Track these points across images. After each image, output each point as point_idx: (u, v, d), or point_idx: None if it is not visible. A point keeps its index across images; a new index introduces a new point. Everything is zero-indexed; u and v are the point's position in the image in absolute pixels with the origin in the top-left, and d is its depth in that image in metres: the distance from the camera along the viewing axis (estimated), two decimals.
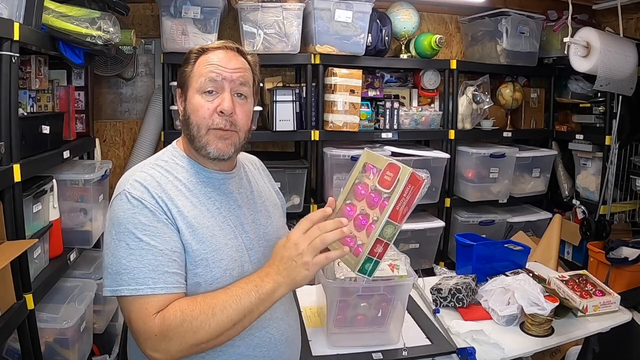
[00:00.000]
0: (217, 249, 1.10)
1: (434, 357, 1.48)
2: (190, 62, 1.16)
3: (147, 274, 1.00)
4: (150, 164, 1.16)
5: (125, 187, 1.07)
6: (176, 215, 1.07)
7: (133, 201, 1.04)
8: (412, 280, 1.45)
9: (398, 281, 1.42)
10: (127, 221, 1.03)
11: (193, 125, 1.13)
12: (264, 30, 2.59)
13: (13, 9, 1.54)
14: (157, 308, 1.00)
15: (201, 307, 1.00)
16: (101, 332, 2.32)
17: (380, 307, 1.46)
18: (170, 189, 1.10)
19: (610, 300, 1.84)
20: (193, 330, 0.99)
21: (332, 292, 1.41)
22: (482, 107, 2.96)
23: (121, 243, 1.02)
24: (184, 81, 1.16)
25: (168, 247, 1.04)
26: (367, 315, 1.46)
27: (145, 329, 0.99)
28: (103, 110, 3.06)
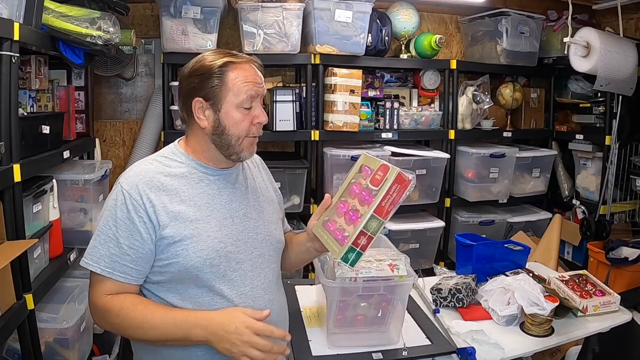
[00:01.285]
0: (198, 240, 1.20)
1: (434, 357, 1.47)
2: (215, 75, 1.21)
3: (102, 257, 1.17)
4: (151, 158, 1.28)
5: (121, 180, 1.21)
6: (160, 210, 1.18)
7: (119, 195, 1.19)
8: (412, 280, 1.46)
9: (398, 281, 1.43)
10: (109, 210, 1.19)
11: (232, 136, 1.24)
12: (264, 30, 2.59)
13: (13, 9, 1.54)
14: (107, 291, 1.17)
15: (136, 315, 1.15)
16: (101, 332, 2.32)
17: (380, 307, 1.46)
18: (161, 184, 1.21)
19: (610, 300, 1.84)
20: (121, 327, 1.17)
21: (332, 292, 1.41)
22: (482, 107, 2.96)
23: (99, 225, 1.20)
24: (213, 94, 1.21)
25: (127, 243, 1.16)
26: (367, 315, 1.47)
27: (93, 301, 1.19)
28: (103, 110, 3.06)
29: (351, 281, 1.40)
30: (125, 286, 1.18)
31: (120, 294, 1.18)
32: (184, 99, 1.25)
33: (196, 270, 1.19)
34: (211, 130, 1.24)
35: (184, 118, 1.28)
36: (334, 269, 1.43)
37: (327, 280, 1.41)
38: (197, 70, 1.22)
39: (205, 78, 1.21)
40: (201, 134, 1.25)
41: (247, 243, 1.28)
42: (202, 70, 1.21)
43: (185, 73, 1.24)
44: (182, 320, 1.14)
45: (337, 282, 1.39)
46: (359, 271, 1.40)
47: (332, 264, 1.45)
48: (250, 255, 1.28)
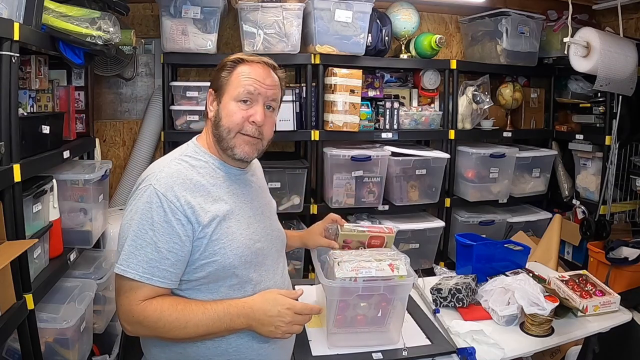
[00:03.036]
0: (233, 238, 1.22)
1: (434, 357, 1.48)
2: (226, 69, 1.27)
3: (142, 264, 1.13)
4: (176, 158, 1.26)
5: (152, 182, 1.18)
6: (199, 211, 1.18)
7: (154, 197, 1.16)
8: (412, 280, 1.47)
9: (398, 281, 1.43)
10: (143, 213, 1.15)
11: (224, 128, 1.26)
12: (264, 30, 2.59)
13: (13, 9, 1.54)
14: (143, 297, 1.14)
15: (178, 316, 1.14)
16: (101, 332, 2.32)
17: (380, 307, 1.47)
18: (194, 185, 1.21)
19: (610, 300, 1.84)
20: (164, 330, 1.15)
21: (332, 292, 1.42)
22: (482, 107, 2.96)
23: (131, 230, 1.15)
24: (220, 85, 1.27)
25: (167, 247, 1.14)
26: (367, 315, 1.47)
27: (129, 309, 1.14)
28: (103, 110, 3.06)
29: (351, 281, 1.40)
30: (161, 290, 1.16)
31: (155, 297, 1.16)
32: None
33: (233, 268, 1.21)
34: (212, 121, 1.28)
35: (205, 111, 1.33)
36: (333, 268, 1.43)
37: (327, 280, 1.41)
38: (218, 65, 1.30)
39: (218, 70, 1.28)
40: (209, 125, 1.30)
41: (267, 240, 1.33)
42: (220, 65, 1.30)
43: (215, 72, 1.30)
44: (224, 313, 1.16)
45: (337, 282, 1.40)
46: (358, 271, 1.41)
47: (332, 264, 1.45)
48: (270, 251, 1.34)
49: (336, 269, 1.42)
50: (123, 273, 1.13)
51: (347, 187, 2.76)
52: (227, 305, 1.17)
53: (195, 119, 2.67)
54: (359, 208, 2.85)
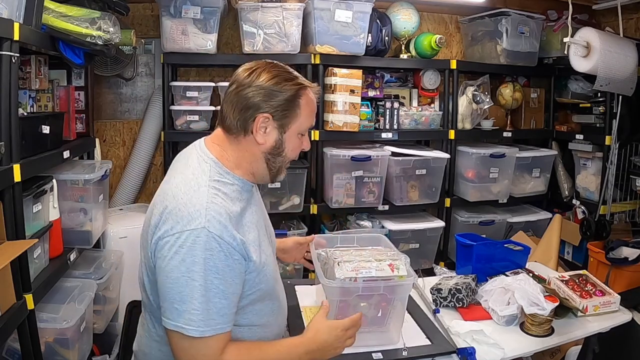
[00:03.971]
0: (268, 262, 1.22)
1: (434, 357, 1.47)
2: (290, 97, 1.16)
3: (214, 317, 1.07)
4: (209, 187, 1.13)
5: (204, 224, 1.06)
6: (248, 246, 1.13)
7: (213, 243, 1.06)
8: (412, 280, 1.45)
9: (398, 281, 1.42)
10: (206, 263, 1.06)
11: (286, 159, 1.23)
12: (264, 30, 2.59)
13: (13, 9, 1.54)
14: (221, 347, 1.10)
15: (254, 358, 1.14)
16: (101, 332, 2.32)
17: (380, 307, 1.46)
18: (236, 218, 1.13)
19: (610, 300, 1.84)
20: None
21: (332, 292, 1.41)
22: (482, 107, 2.96)
23: (194, 282, 1.05)
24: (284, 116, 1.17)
25: (232, 291, 1.10)
26: (367, 315, 1.46)
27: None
28: (103, 110, 3.06)
29: (351, 281, 1.39)
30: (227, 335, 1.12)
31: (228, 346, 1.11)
32: (244, 109, 1.15)
33: (272, 289, 1.24)
34: (269, 150, 1.19)
35: (235, 128, 1.17)
36: (334, 269, 1.43)
37: (327, 280, 1.40)
38: (277, 87, 1.15)
39: (283, 97, 1.15)
40: (254, 150, 1.19)
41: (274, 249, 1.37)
42: (282, 89, 1.15)
43: (261, 84, 1.14)
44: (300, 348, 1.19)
45: (337, 282, 1.39)
46: (359, 271, 1.40)
47: (332, 264, 1.45)
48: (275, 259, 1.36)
49: (336, 269, 1.42)
50: (203, 334, 1.05)
51: (347, 187, 2.76)
52: (292, 346, 1.20)
53: (195, 119, 2.67)
54: (359, 208, 2.85)
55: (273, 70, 1.17)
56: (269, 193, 2.76)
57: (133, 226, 2.62)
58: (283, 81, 1.16)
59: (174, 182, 1.15)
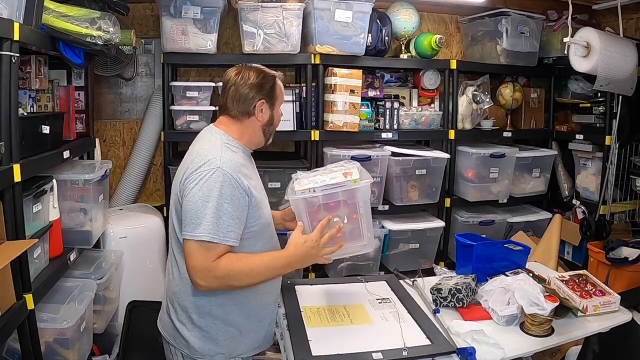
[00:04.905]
0: (263, 205, 1.59)
1: (434, 357, 1.47)
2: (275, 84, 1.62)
3: (220, 229, 1.41)
4: (223, 145, 1.52)
5: (219, 165, 1.44)
6: (248, 185, 1.49)
7: (225, 177, 1.43)
8: (367, 182, 1.57)
9: (353, 185, 1.55)
10: (218, 189, 1.42)
11: (274, 127, 1.68)
12: (264, 30, 2.59)
13: (13, 9, 1.54)
14: (217, 255, 1.42)
15: (244, 266, 1.45)
16: (101, 332, 2.32)
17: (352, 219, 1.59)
18: (241, 166, 1.51)
19: (610, 300, 1.84)
20: (234, 280, 1.46)
21: (298, 206, 1.57)
22: (482, 107, 2.96)
23: (208, 204, 1.40)
24: (273, 98, 1.62)
25: (237, 215, 1.45)
26: (345, 231, 1.59)
27: (204, 267, 1.41)
28: (103, 110, 3.06)
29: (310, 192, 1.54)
30: (229, 248, 1.44)
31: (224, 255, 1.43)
32: (245, 100, 1.56)
33: (267, 226, 1.59)
34: (265, 123, 1.62)
35: (239, 112, 1.57)
36: (293, 186, 1.56)
37: (290, 195, 1.56)
38: (263, 79, 1.58)
39: (267, 83, 1.59)
40: (255, 126, 1.61)
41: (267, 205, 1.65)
42: (267, 81, 1.59)
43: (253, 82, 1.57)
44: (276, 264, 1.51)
45: (298, 194, 1.54)
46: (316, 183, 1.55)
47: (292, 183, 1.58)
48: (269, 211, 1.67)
49: (295, 185, 1.57)
50: (212, 240, 1.39)
51: None
52: (275, 258, 1.52)
53: (195, 119, 2.67)
54: None
55: (254, 70, 1.60)
56: (269, 193, 2.74)
57: (133, 226, 2.62)
58: (263, 76, 1.59)
59: (196, 149, 1.54)
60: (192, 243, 1.40)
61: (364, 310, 1.74)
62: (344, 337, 1.56)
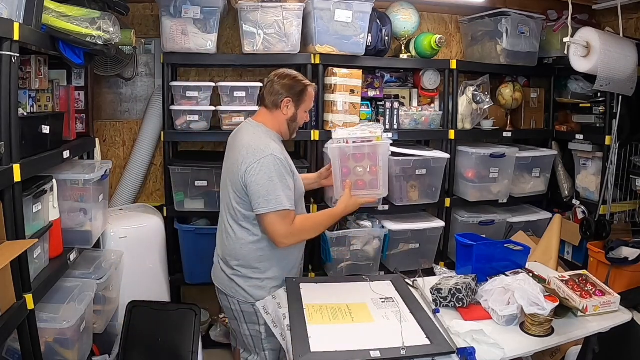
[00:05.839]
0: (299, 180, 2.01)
1: (433, 357, 1.47)
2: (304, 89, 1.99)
3: (285, 199, 1.81)
4: (267, 137, 1.92)
5: (271, 152, 1.82)
6: (290, 163, 1.91)
7: (277, 160, 1.82)
8: (389, 141, 2.03)
9: (376, 142, 1.97)
10: (276, 170, 1.81)
11: (297, 124, 2.05)
12: (264, 30, 2.59)
13: (13, 9, 1.54)
14: (291, 219, 1.85)
15: (312, 224, 1.97)
16: (101, 332, 2.32)
17: (372, 171, 2.00)
18: (282, 151, 1.90)
19: (610, 300, 1.84)
20: (307, 234, 1.97)
21: (334, 153, 2.00)
22: (482, 107, 2.96)
23: (273, 183, 1.80)
24: (299, 100, 1.98)
25: (290, 187, 1.87)
26: (365, 179, 2.01)
27: (286, 230, 1.83)
28: (103, 110, 3.06)
29: (344, 142, 1.98)
30: (294, 212, 1.87)
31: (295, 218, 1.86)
32: (276, 95, 1.95)
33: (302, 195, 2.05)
34: (289, 118, 1.99)
35: (270, 103, 1.96)
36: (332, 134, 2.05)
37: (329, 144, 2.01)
38: (294, 82, 1.97)
39: (297, 87, 1.97)
40: (281, 118, 1.98)
41: None
42: (298, 85, 1.97)
43: (286, 82, 1.95)
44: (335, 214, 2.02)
45: (335, 143, 2.00)
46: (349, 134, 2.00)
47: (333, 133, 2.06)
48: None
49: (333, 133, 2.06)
50: (282, 207, 1.79)
51: None
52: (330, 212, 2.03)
53: (195, 119, 2.68)
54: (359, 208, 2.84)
55: (290, 76, 1.99)
56: None
57: (133, 226, 2.62)
58: (297, 81, 1.98)
59: (243, 142, 1.89)
60: (271, 215, 1.79)
61: (366, 309, 1.75)
62: (344, 335, 1.57)
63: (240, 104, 2.69)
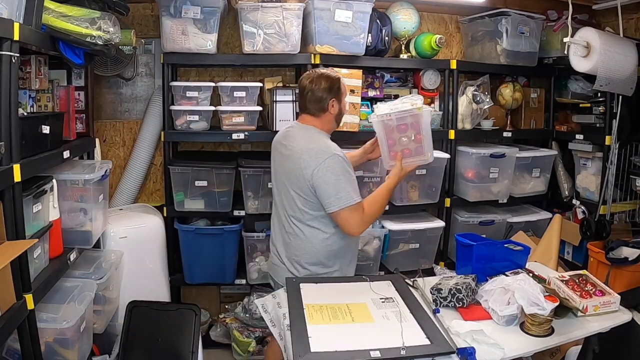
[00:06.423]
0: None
1: (433, 357, 1.47)
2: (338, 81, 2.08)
3: (353, 193, 1.94)
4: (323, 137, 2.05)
5: (333, 152, 1.94)
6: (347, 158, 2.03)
7: (339, 158, 1.95)
8: (429, 109, 2.12)
9: (417, 112, 2.07)
10: (342, 168, 1.93)
11: (342, 115, 2.15)
12: (264, 30, 2.59)
13: (13, 9, 1.54)
14: (362, 209, 1.96)
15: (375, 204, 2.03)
16: (101, 332, 2.32)
17: (417, 139, 2.10)
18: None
19: (610, 300, 1.84)
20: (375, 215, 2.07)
21: (379, 127, 2.11)
22: (482, 107, 2.96)
23: (340, 181, 1.92)
24: (339, 96, 2.08)
25: (354, 178, 1.99)
26: (411, 148, 2.11)
27: (360, 220, 1.96)
28: (103, 110, 3.06)
29: (387, 116, 2.09)
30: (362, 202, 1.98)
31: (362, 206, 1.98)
32: (320, 101, 2.04)
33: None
34: (336, 114, 2.10)
35: (317, 110, 2.05)
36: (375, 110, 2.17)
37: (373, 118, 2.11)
38: (330, 81, 2.05)
39: (335, 84, 2.06)
40: (330, 118, 2.08)
41: None
42: (334, 83, 2.06)
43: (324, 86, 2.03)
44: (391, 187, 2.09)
45: (378, 117, 2.10)
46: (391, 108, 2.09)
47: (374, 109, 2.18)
48: None
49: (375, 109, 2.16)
50: (355, 202, 1.92)
51: None
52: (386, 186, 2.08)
53: (195, 119, 2.68)
54: None
55: (323, 77, 2.05)
56: (269, 193, 2.76)
57: (133, 226, 2.62)
58: (331, 80, 2.06)
59: (300, 147, 1.99)
60: (344, 210, 1.92)
61: (366, 309, 1.74)
62: (344, 334, 1.57)
63: (240, 104, 2.69)
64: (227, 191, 2.73)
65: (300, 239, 2.04)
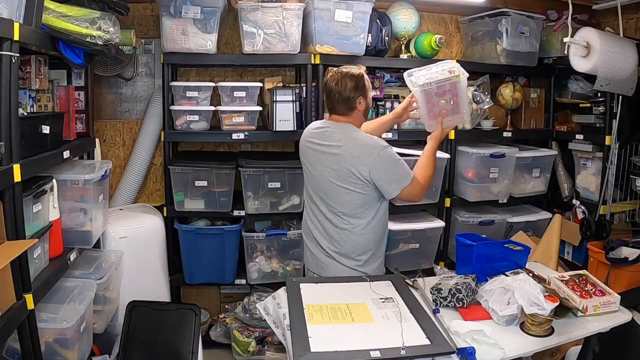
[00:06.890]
0: None
1: (433, 357, 1.47)
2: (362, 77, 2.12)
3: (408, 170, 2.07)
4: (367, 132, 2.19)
5: (384, 145, 2.04)
6: None
7: (389, 148, 2.05)
8: (466, 76, 2.16)
9: (455, 79, 2.15)
10: (391, 155, 2.05)
11: (369, 109, 2.22)
12: (264, 30, 2.59)
13: (13, 9, 1.54)
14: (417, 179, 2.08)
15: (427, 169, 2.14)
16: (101, 332, 2.32)
17: (453, 101, 2.18)
18: None
19: (610, 300, 1.84)
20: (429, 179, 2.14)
21: (419, 95, 2.15)
22: (482, 107, 2.95)
23: (396, 167, 2.05)
24: (365, 91, 2.13)
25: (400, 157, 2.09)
26: (448, 108, 2.19)
27: (420, 189, 2.09)
28: (103, 110, 3.06)
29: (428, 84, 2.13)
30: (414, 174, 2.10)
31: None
32: (348, 101, 2.09)
33: None
34: (364, 110, 2.16)
35: (346, 109, 2.11)
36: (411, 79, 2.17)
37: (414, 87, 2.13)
38: (355, 80, 2.09)
39: (360, 82, 2.11)
40: (359, 114, 2.15)
41: None
42: (356, 79, 2.10)
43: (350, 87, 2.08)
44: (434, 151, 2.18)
45: (419, 87, 2.12)
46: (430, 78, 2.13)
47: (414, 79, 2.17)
48: None
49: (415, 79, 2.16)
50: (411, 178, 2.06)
51: None
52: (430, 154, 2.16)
53: (195, 119, 2.68)
54: None
55: (348, 77, 2.09)
56: (269, 193, 2.77)
57: (133, 226, 2.62)
58: (355, 79, 2.10)
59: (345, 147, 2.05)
60: (406, 188, 2.05)
61: (366, 309, 1.74)
62: (344, 334, 1.57)
63: (240, 104, 2.69)
64: (227, 191, 2.73)
65: (348, 232, 2.10)
